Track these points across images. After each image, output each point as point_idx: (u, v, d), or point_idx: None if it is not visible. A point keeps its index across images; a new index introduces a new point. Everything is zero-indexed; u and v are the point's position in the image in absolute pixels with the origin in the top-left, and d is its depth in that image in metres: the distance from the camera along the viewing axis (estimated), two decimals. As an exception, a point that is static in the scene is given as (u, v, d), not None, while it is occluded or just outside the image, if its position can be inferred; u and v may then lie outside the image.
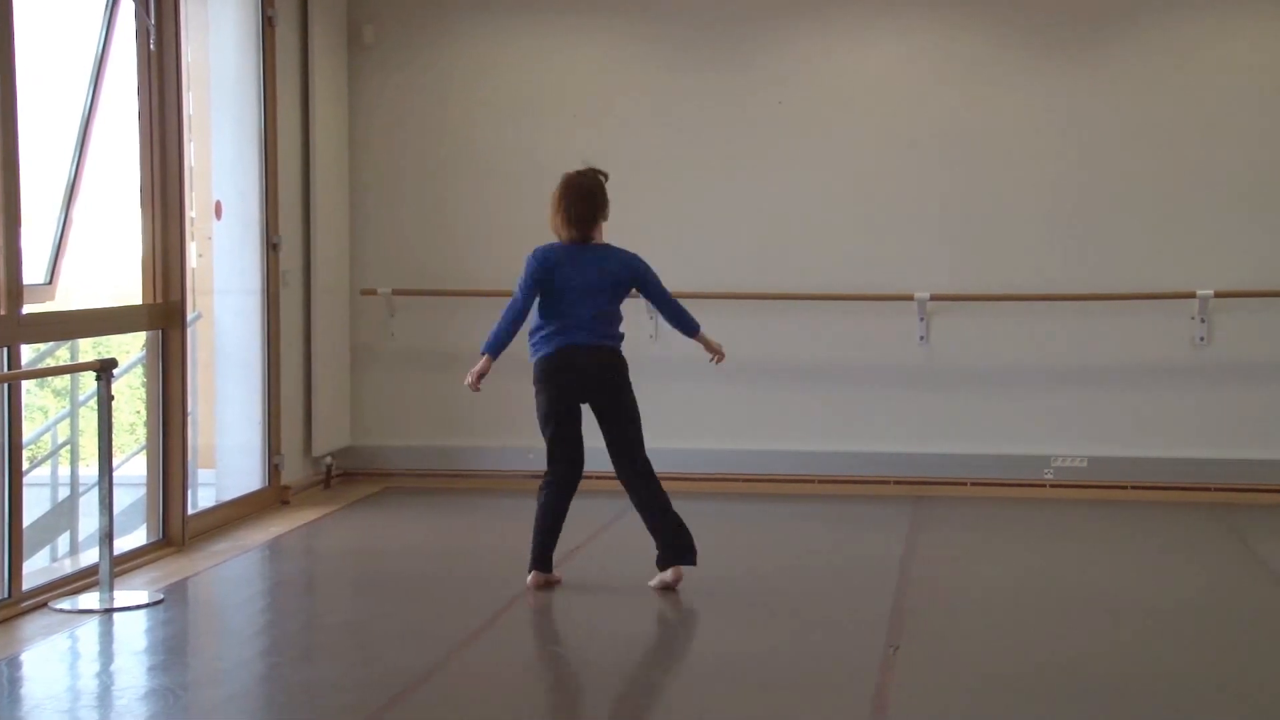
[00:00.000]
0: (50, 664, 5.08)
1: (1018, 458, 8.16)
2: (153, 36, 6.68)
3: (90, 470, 7.11)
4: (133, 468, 7.82)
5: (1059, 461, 8.14)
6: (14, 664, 4.99)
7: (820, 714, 4.54)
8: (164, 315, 6.78)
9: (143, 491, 6.90)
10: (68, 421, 7.75)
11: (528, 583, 5.88)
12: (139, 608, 5.67)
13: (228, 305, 7.83)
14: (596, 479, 8.50)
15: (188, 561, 6.51)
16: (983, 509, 7.78)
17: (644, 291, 6.20)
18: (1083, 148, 8.11)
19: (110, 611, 5.60)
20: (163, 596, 5.84)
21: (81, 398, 7.62)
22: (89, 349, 7.83)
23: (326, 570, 6.84)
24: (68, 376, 7.96)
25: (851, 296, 8.05)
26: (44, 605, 5.68)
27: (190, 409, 7.09)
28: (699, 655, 5.11)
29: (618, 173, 8.50)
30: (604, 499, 8.11)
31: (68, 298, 7.03)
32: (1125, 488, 8.04)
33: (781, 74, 8.35)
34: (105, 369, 5.78)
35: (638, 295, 6.31)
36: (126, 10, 6.65)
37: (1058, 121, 8.13)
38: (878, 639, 5.30)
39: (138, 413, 8.74)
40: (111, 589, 5.70)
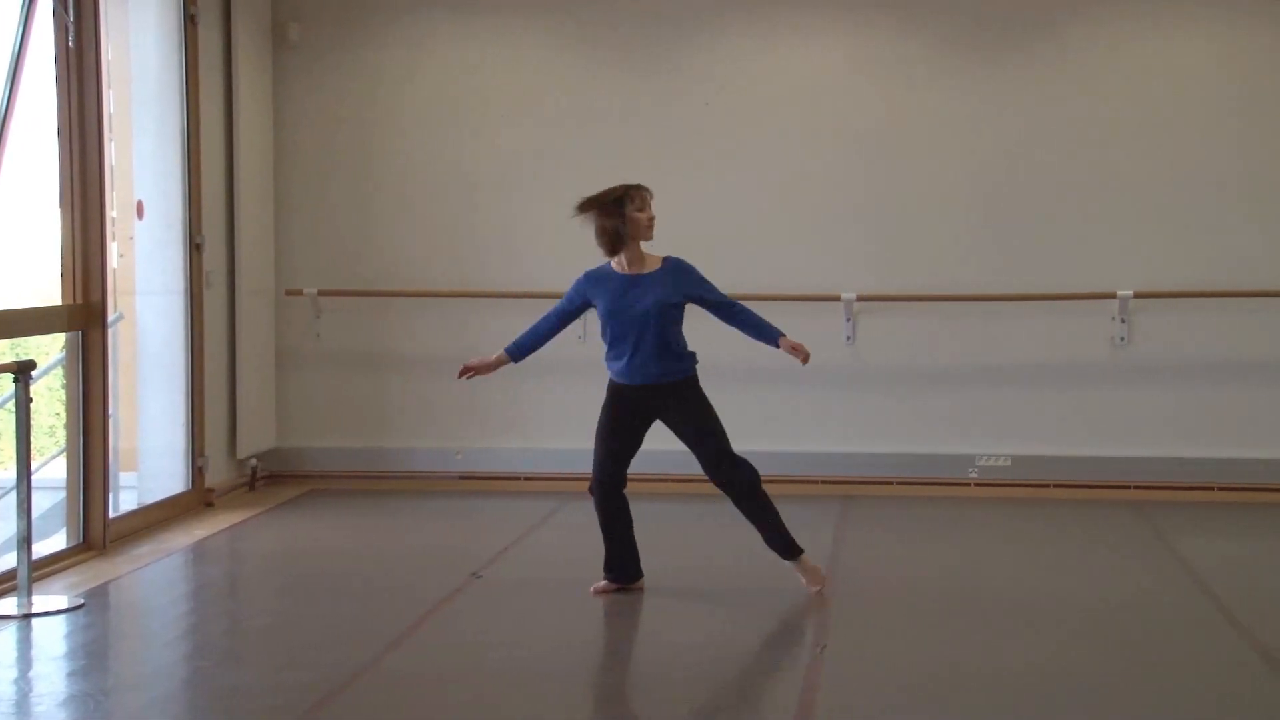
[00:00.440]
0: (-34, 671, 4.99)
1: (943, 457, 8.24)
2: (71, 33, 6.58)
3: (8, 474, 6.99)
4: (52, 471, 7.69)
5: (983, 461, 8.23)
6: (-71, 671, 4.89)
7: (748, 712, 4.56)
8: (84, 316, 6.68)
9: (62, 495, 6.80)
10: (-15, 424, 7.63)
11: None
12: (58, 613, 5.58)
13: (150, 306, 7.73)
14: (526, 480, 8.53)
15: (109, 565, 6.42)
16: (908, 508, 7.85)
17: None
18: (1007, 149, 8.21)
19: (29, 617, 5.51)
20: (83, 601, 5.75)
21: (-1, 400, 7.50)
22: (7, 350, 7.70)
23: (251, 573, 6.77)
24: (-15, 378, 7.83)
25: (778, 297, 8.09)
26: (-40, 611, 5.58)
27: (111, 411, 7.00)
28: (627, 655, 5.12)
29: (544, 174, 8.53)
30: (538, 499, 8.10)
31: (-15, 298, 6.92)
32: (1048, 486, 8.15)
33: (708, 75, 8.38)
34: (23, 371, 5.69)
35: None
36: (44, 7, 6.54)
37: (983, 123, 8.22)
38: (805, 638, 5.33)
39: (57, 415, 8.60)
40: (30, 594, 5.61)
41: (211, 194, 7.95)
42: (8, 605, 5.61)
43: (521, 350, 6.09)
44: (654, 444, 8.38)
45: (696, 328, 8.39)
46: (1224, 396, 8.07)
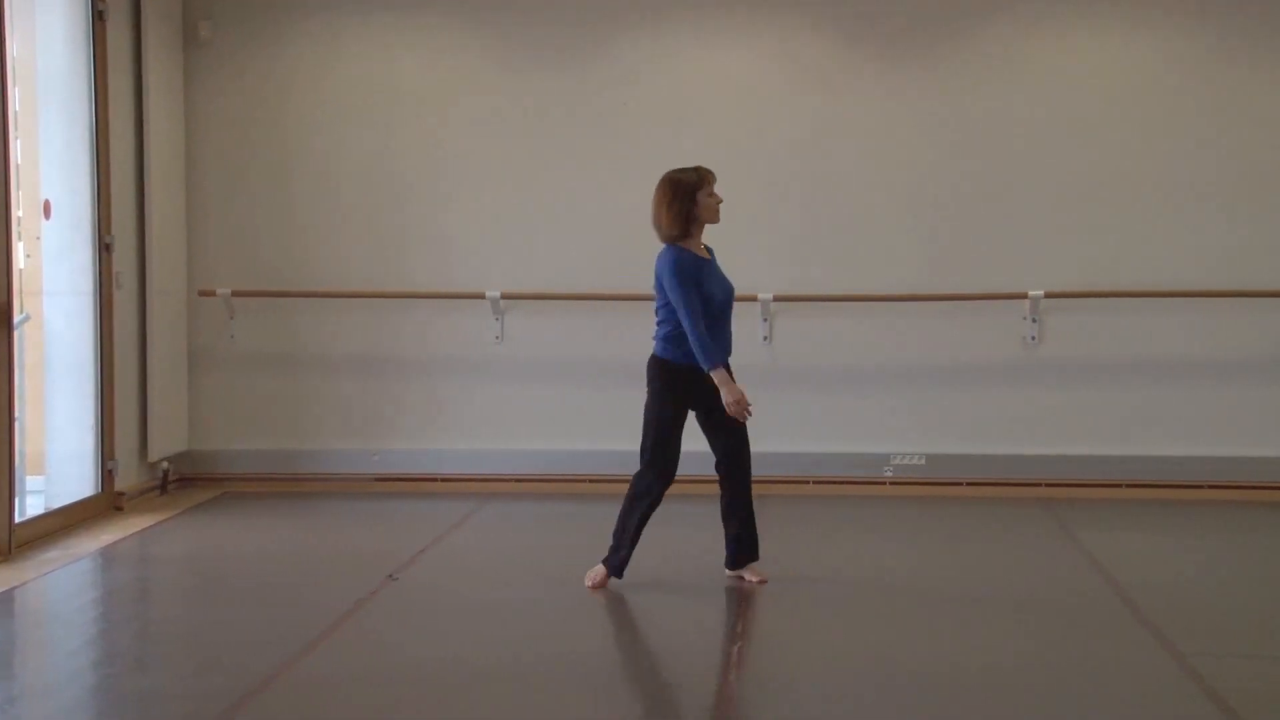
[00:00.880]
0: None
1: (858, 456, 8.32)
2: (-24, 29, 6.45)
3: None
4: (-43, 475, 7.53)
5: (898, 459, 8.32)
6: None
7: (667, 710, 4.57)
8: (-11, 317, 6.55)
9: (-33, 500, 6.67)
10: (-114, 428, 7.44)
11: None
12: (-37, 620, 5.48)
13: (58, 307, 7.60)
14: (444, 481, 8.49)
15: (15, 571, 6.30)
16: (824, 507, 7.92)
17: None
18: (920, 152, 8.31)
19: (-68, 624, 5.40)
20: (-12, 608, 5.65)
21: (-99, 403, 7.33)
22: (-91, 352, 7.52)
23: (162, 578, 6.67)
24: (-114, 381, 7.64)
25: (695, 297, 8.10)
26: None
27: (18, 414, 6.87)
28: (540, 656, 5.11)
29: (463, 173, 8.50)
30: (455, 501, 8.07)
31: (-115, 299, 6.75)
32: (961, 484, 8.26)
33: (627, 75, 8.39)
34: (-74, 373, 5.57)
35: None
36: (-53, 1, 6.42)
37: (897, 127, 8.31)
38: (720, 637, 5.36)
39: (-38, 418, 8.40)
40: (-67, 601, 5.50)
41: (121, 193, 7.83)
42: (-90, 613, 5.49)
43: (725, 354, 5.91)
44: (549, 444, 8.43)
45: (610, 326, 8.43)
46: (1132, 395, 8.22)
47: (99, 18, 7.56)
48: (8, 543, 6.54)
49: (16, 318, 6.84)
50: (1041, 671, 4.89)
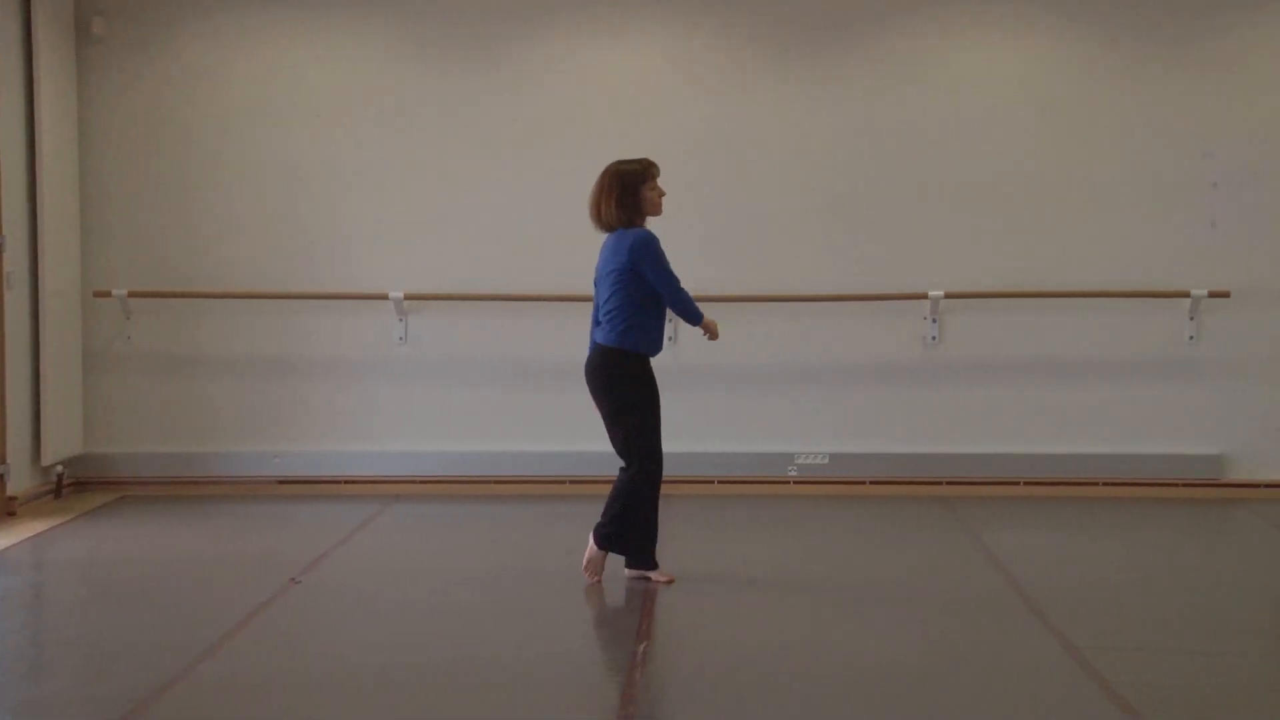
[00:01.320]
0: None
1: (763, 455, 8.37)
2: None
3: None
4: None
5: (802, 459, 8.39)
6: None
7: (571, 711, 4.56)
8: (-126, 318, 6.38)
9: None
10: None
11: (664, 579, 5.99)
12: None
13: (-54, 307, 7.42)
14: (347, 483, 8.41)
15: (-98, 579, 6.14)
16: (729, 506, 7.96)
17: (647, 277, 5.90)
18: (824, 153, 8.38)
19: None
20: (-126, 616, 5.49)
21: None
22: None
23: (56, 583, 6.53)
24: None
25: (600, 298, 8.11)
26: None
27: (-95, 417, 6.69)
28: (444, 657, 5.08)
29: (366, 172, 8.42)
30: (359, 503, 7.99)
31: None
32: (864, 483, 8.34)
33: (530, 75, 8.37)
34: None
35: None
36: None
37: (799, 127, 8.37)
38: (627, 637, 5.36)
39: None
40: None
41: (12, 192, 7.66)
42: None
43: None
44: (458, 445, 8.39)
45: (514, 326, 8.39)
46: (1030, 394, 8.36)
47: (-11, 12, 7.39)
48: (-106, 549, 6.37)
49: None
50: (940, 667, 4.95)
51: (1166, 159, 8.28)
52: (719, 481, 8.35)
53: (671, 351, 8.33)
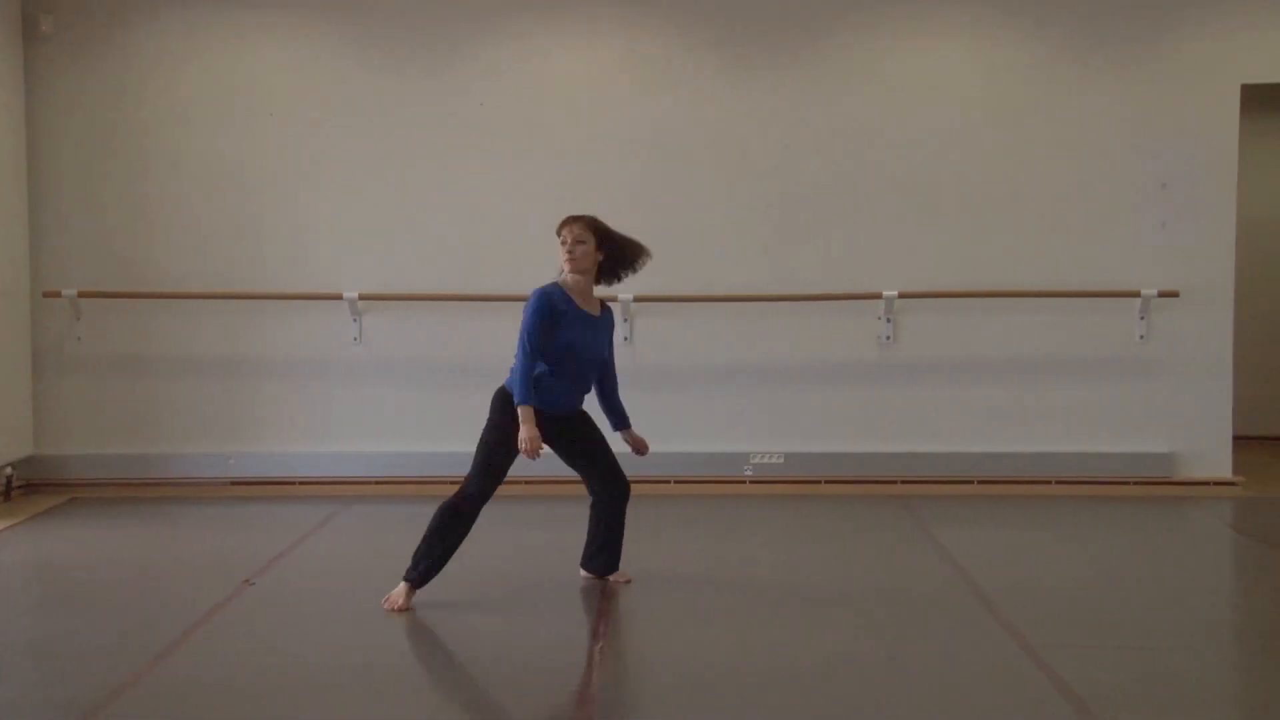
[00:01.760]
0: None
1: (718, 455, 8.40)
2: None
3: None
4: None
5: (757, 458, 8.41)
6: None
7: (529, 709, 4.56)
8: None
9: None
10: None
11: None
12: None
13: (-107, 308, 7.33)
14: (302, 485, 8.36)
15: None
16: (685, 506, 7.97)
17: None
18: (777, 153, 8.41)
19: None
20: None
21: None
22: None
23: (6, 587, 6.45)
24: None
25: (556, 298, 8.10)
26: None
27: None
28: (401, 657, 5.06)
29: (321, 172, 8.38)
30: (314, 504, 7.95)
31: None
32: (819, 482, 8.38)
33: (484, 75, 8.36)
34: None
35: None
36: None
37: (752, 127, 8.40)
38: (584, 637, 5.36)
39: None
40: None
41: (-39, 190, 7.58)
42: None
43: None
44: (415, 445, 8.37)
45: (462, 326, 8.38)
46: (983, 393, 8.42)
47: (-63, 8, 7.30)
48: None
49: None
50: (894, 665, 4.98)
51: (1117, 160, 8.37)
52: (675, 481, 8.37)
53: (628, 351, 8.34)
